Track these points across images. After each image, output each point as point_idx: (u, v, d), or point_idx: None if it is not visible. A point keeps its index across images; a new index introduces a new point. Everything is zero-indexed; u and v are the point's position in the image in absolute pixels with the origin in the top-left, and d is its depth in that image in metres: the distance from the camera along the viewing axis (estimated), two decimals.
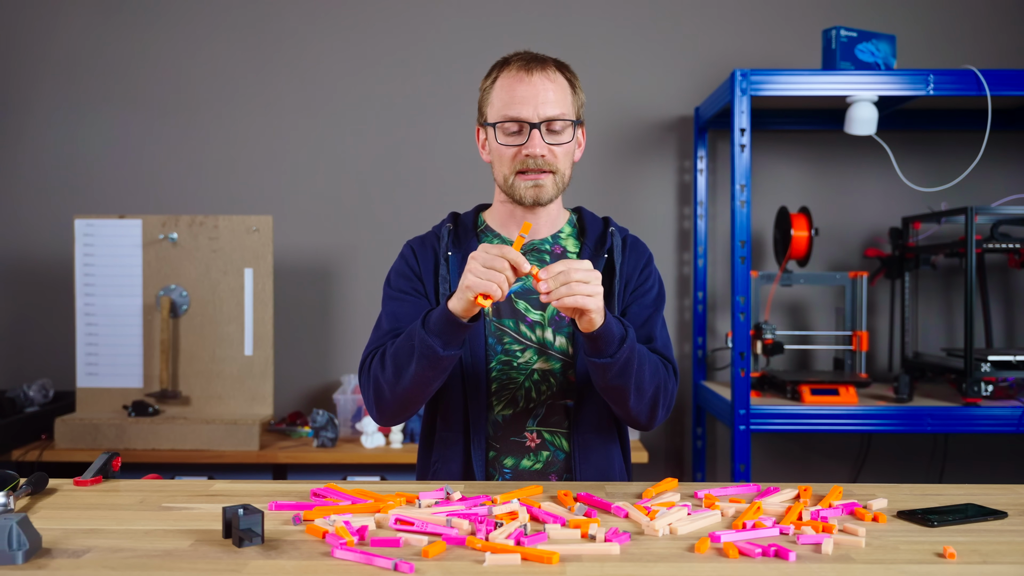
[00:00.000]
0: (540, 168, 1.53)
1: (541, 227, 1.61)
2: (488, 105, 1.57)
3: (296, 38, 3.22)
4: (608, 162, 3.20)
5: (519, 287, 1.59)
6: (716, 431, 3.22)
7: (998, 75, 2.55)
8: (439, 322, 1.40)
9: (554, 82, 1.54)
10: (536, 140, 1.51)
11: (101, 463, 1.51)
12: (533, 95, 1.51)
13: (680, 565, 1.07)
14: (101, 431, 2.70)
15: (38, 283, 3.21)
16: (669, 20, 3.21)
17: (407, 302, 1.58)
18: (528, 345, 1.57)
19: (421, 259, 1.62)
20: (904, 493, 1.42)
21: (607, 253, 1.60)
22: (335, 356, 3.23)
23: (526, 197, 1.54)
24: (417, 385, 1.45)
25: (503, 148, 1.54)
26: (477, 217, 1.68)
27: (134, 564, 1.07)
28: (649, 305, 1.61)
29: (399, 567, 1.04)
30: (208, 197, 3.20)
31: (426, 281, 1.61)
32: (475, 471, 1.55)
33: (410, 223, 2.96)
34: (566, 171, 1.57)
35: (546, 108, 1.51)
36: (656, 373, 1.50)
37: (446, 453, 1.58)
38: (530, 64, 1.54)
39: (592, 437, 1.57)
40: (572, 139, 1.56)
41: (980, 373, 2.61)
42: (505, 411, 1.57)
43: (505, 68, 1.56)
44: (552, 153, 1.53)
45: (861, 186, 3.19)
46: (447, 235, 1.62)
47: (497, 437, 1.57)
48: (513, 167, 1.54)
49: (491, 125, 1.56)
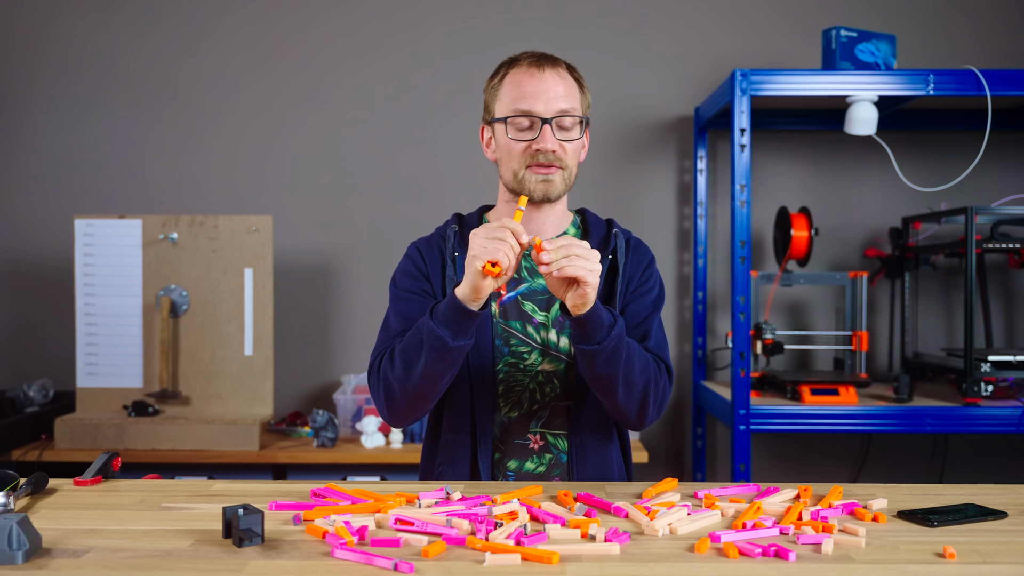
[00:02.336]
0: (550, 163, 1.53)
1: (547, 227, 1.61)
2: (496, 101, 1.58)
3: (296, 38, 3.22)
4: (608, 162, 3.20)
5: (526, 288, 1.60)
6: (716, 431, 3.22)
7: (998, 75, 2.55)
8: (447, 311, 1.40)
9: (564, 79, 1.55)
10: (547, 135, 1.52)
11: (101, 463, 1.51)
12: (544, 90, 1.52)
13: (680, 565, 1.07)
14: (101, 431, 2.70)
15: (38, 283, 3.21)
16: (669, 20, 3.21)
17: (415, 301, 1.58)
18: (534, 347, 1.57)
19: (428, 260, 1.62)
20: (904, 493, 1.42)
21: (611, 254, 1.60)
22: (335, 356, 3.23)
23: (536, 192, 1.54)
24: (428, 380, 1.44)
25: (513, 143, 1.54)
26: (481, 217, 1.68)
27: (134, 564, 1.07)
28: (648, 306, 1.61)
29: (399, 567, 1.04)
30: (208, 197, 3.20)
31: (434, 281, 1.60)
32: (481, 473, 1.55)
33: (410, 223, 2.96)
34: (573, 168, 1.58)
35: (558, 103, 1.52)
36: (646, 368, 1.49)
37: (452, 456, 1.58)
38: (541, 61, 1.55)
39: (589, 438, 1.57)
40: (581, 136, 1.57)
41: (980, 373, 2.61)
42: (511, 413, 1.57)
43: (515, 65, 1.57)
44: (562, 148, 1.53)
45: (861, 186, 3.19)
46: (453, 236, 1.62)
47: (502, 439, 1.57)
48: (523, 161, 1.54)
49: (501, 120, 1.55)
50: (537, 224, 1.60)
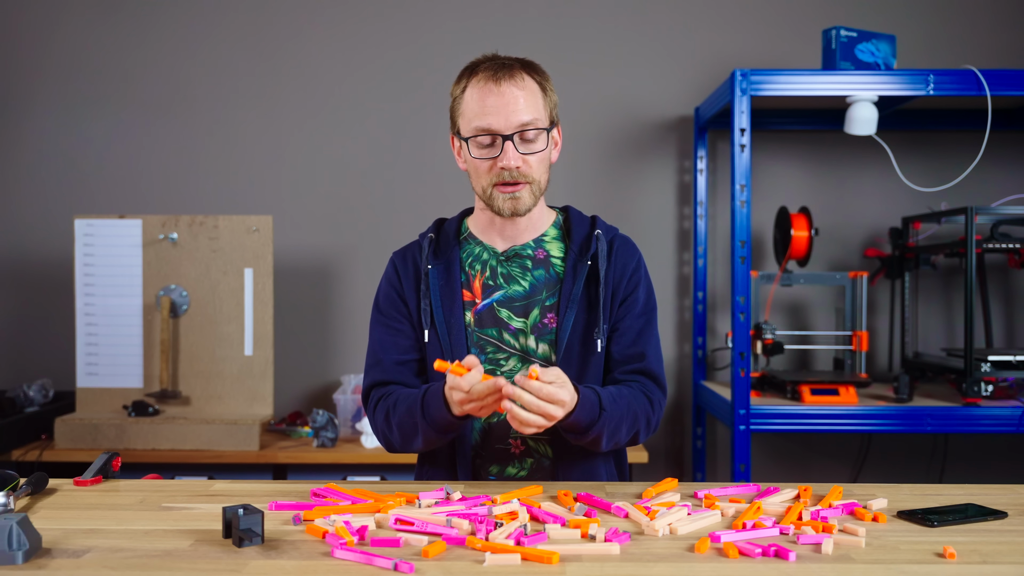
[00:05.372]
0: (516, 180, 1.52)
1: (522, 233, 1.61)
2: (460, 116, 1.56)
3: (296, 38, 3.22)
4: (608, 162, 3.20)
5: (501, 296, 1.58)
6: (716, 431, 3.22)
7: (998, 75, 2.55)
8: (438, 420, 1.45)
9: (523, 89, 1.52)
10: (510, 152, 1.50)
11: (101, 463, 1.51)
12: (503, 105, 1.50)
13: (680, 565, 1.07)
14: (101, 431, 2.70)
15: (38, 283, 3.21)
16: (669, 20, 3.21)
17: (393, 329, 1.61)
18: (512, 353, 1.57)
19: (403, 276, 1.63)
20: (904, 493, 1.42)
21: (591, 260, 1.58)
22: (335, 356, 3.23)
23: (504, 209, 1.54)
24: (425, 446, 1.54)
25: (477, 161, 1.54)
26: (461, 223, 1.67)
27: (134, 564, 1.07)
28: (639, 316, 1.59)
29: (399, 567, 1.04)
30: (208, 197, 3.20)
31: (408, 300, 1.61)
32: (459, 477, 1.56)
33: (410, 223, 2.96)
34: (542, 178, 1.56)
35: (517, 116, 1.50)
36: (635, 423, 1.51)
37: (435, 458, 1.60)
38: (498, 73, 1.51)
39: (574, 444, 1.56)
40: (547, 146, 1.55)
41: (980, 373, 2.61)
42: (490, 418, 1.57)
43: (473, 77, 1.54)
44: (527, 163, 1.52)
45: (861, 186, 3.19)
46: (428, 246, 1.61)
47: (483, 444, 1.57)
48: (490, 179, 1.53)
49: (464, 139, 1.55)
50: (512, 232, 1.61)
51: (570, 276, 1.57)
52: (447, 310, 1.57)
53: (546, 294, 1.58)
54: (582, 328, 1.56)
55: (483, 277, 1.60)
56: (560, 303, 1.56)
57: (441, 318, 1.57)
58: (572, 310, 1.54)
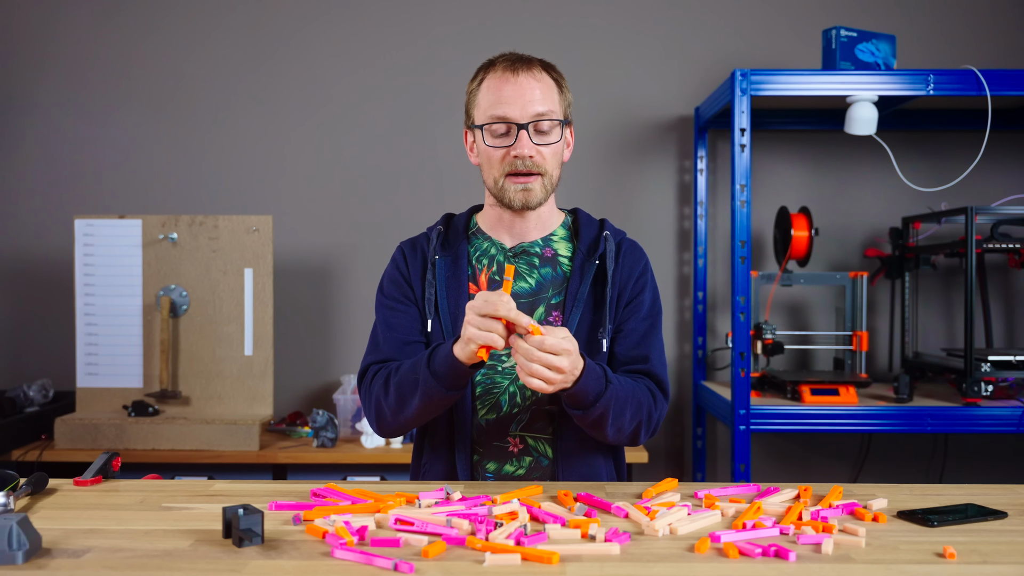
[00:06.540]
0: (528, 170, 1.52)
1: (531, 230, 1.61)
2: (475, 107, 1.57)
3: (296, 38, 3.22)
4: (608, 162, 3.20)
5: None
6: (716, 431, 3.22)
7: (998, 75, 2.55)
8: (443, 365, 1.41)
9: (540, 81, 1.53)
10: (524, 141, 1.51)
11: (101, 463, 1.51)
12: (519, 94, 1.51)
13: (680, 565, 1.07)
14: (101, 431, 2.70)
15: (38, 283, 3.21)
16: (669, 20, 3.21)
17: (398, 311, 1.60)
18: None
19: (411, 263, 1.63)
20: (904, 493, 1.42)
21: (599, 259, 1.58)
22: (335, 356, 3.23)
23: (515, 201, 1.54)
24: (419, 416, 1.50)
25: (491, 150, 1.54)
26: (470, 219, 1.68)
27: (134, 564, 1.07)
28: (644, 319, 1.60)
29: (399, 567, 1.04)
30: (208, 197, 3.20)
31: (414, 285, 1.61)
32: (459, 474, 1.55)
33: (410, 223, 2.95)
34: (555, 172, 1.56)
35: (533, 106, 1.51)
36: (639, 411, 1.50)
37: (433, 455, 1.59)
38: (516, 64, 1.53)
39: (575, 445, 1.56)
40: (560, 139, 1.56)
41: (980, 373, 2.61)
42: (489, 415, 1.56)
43: (491, 69, 1.55)
44: (540, 154, 1.52)
45: (861, 186, 3.19)
46: (436, 238, 1.62)
47: (481, 441, 1.57)
48: (502, 169, 1.53)
49: (478, 127, 1.55)
50: (521, 228, 1.61)
51: (577, 275, 1.57)
52: (452, 301, 1.57)
53: (552, 292, 1.58)
54: (587, 328, 1.56)
55: (490, 272, 1.60)
56: (566, 302, 1.56)
57: (445, 308, 1.57)
58: (578, 309, 1.55)
